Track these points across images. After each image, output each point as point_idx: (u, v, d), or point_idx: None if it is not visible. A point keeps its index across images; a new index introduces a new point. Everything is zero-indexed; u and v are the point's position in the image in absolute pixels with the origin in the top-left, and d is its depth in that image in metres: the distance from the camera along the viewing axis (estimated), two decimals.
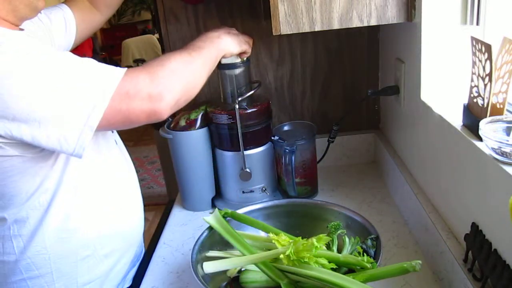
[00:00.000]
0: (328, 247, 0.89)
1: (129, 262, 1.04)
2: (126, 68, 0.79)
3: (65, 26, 1.06)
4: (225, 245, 0.92)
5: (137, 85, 0.77)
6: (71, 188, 0.87)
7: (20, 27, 0.86)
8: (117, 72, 0.77)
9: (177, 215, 1.32)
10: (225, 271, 0.89)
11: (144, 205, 1.09)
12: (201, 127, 1.24)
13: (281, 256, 0.78)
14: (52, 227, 0.86)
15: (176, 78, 0.83)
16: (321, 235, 0.81)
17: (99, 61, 0.79)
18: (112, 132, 1.02)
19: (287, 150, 1.19)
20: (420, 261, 0.74)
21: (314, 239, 0.78)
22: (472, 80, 0.81)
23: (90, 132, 0.75)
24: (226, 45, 0.99)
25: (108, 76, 0.76)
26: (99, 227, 0.93)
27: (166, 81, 0.81)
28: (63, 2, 1.09)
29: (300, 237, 0.86)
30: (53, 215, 0.86)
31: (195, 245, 0.91)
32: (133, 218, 1.02)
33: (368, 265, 0.80)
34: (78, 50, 1.14)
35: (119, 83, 0.76)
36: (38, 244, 0.86)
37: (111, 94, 0.75)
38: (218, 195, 1.33)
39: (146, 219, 1.10)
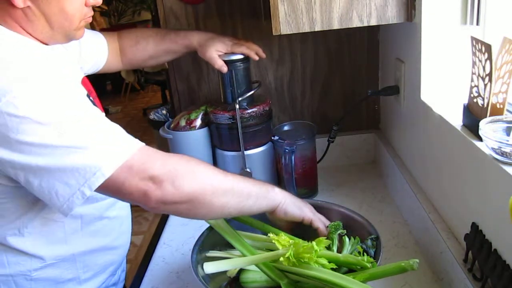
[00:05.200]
0: (328, 247, 0.89)
1: (110, 284, 1.02)
2: (142, 145, 0.76)
3: (99, 53, 1.10)
4: (225, 245, 0.92)
5: (146, 164, 0.73)
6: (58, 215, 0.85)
7: None
8: (136, 142, 0.75)
9: None
10: (225, 271, 0.89)
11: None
12: (201, 127, 1.25)
13: (281, 259, 0.78)
14: (40, 252, 0.85)
15: (189, 183, 0.76)
16: (321, 238, 0.81)
17: None
18: None
19: (287, 150, 1.19)
20: (417, 260, 0.74)
21: (314, 242, 0.78)
22: (472, 80, 0.81)
23: (82, 197, 0.71)
24: (282, 203, 0.88)
25: (121, 148, 0.73)
26: (86, 254, 0.91)
27: (176, 177, 0.74)
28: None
29: (300, 239, 0.87)
30: (42, 241, 0.84)
31: (195, 245, 0.91)
32: (119, 246, 1.00)
33: (368, 265, 0.80)
34: None
35: (132, 154, 0.73)
36: (23, 266, 0.85)
37: (117, 167, 0.71)
38: None
39: (146, 219, 1.10)
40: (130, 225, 1.04)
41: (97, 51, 1.10)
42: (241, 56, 1.15)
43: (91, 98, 0.92)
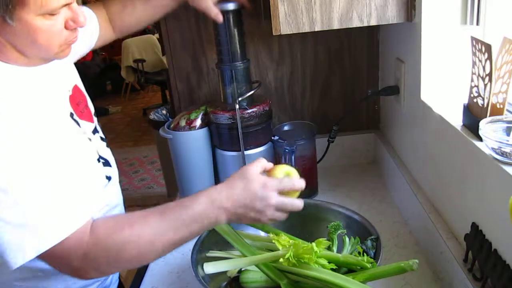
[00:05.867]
0: (328, 247, 0.89)
1: None
2: (84, 222, 0.72)
3: (90, 34, 1.05)
4: (225, 245, 0.92)
5: (70, 255, 0.72)
6: None
7: None
8: (72, 224, 0.71)
9: None
10: (225, 271, 0.89)
11: (143, 206, 1.07)
12: (201, 127, 1.24)
13: (281, 259, 0.78)
14: (26, 264, 0.82)
15: (128, 260, 0.75)
16: (320, 239, 0.80)
17: (99, 60, 0.77)
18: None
19: (287, 150, 1.19)
20: (417, 260, 0.74)
21: (314, 244, 0.78)
22: (472, 80, 0.81)
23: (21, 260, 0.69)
24: (229, 222, 0.80)
25: (63, 223, 0.70)
26: None
27: (107, 265, 0.74)
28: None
29: (300, 240, 0.87)
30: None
31: (195, 245, 0.91)
32: None
33: (368, 265, 0.80)
34: None
35: (63, 240, 0.70)
36: (9, 276, 0.83)
37: (49, 246, 0.69)
38: None
39: None
40: None
41: (90, 32, 1.05)
42: (234, 6, 1.11)
43: (74, 117, 0.86)
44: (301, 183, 0.83)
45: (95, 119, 0.97)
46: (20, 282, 0.85)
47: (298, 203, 0.81)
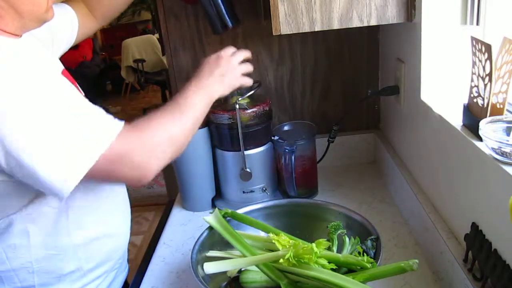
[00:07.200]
0: (328, 247, 0.89)
1: (113, 275, 1.01)
2: (122, 125, 0.78)
3: (71, 27, 1.05)
4: (225, 245, 0.92)
5: (128, 152, 0.77)
6: (62, 206, 0.85)
7: None
8: (112, 130, 0.76)
9: (177, 215, 1.32)
10: (225, 271, 0.89)
11: (143, 206, 1.07)
12: (201, 127, 1.24)
13: (281, 260, 0.78)
14: (40, 243, 0.85)
15: (168, 144, 0.82)
16: (320, 240, 0.80)
17: (99, 61, 0.78)
18: None
19: (287, 150, 1.19)
20: (417, 260, 0.74)
21: (313, 244, 0.78)
22: (472, 80, 0.81)
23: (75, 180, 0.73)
24: (218, 91, 0.96)
25: (102, 133, 0.75)
26: (88, 245, 0.90)
27: (158, 149, 0.80)
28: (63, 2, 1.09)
29: (300, 240, 0.86)
30: (41, 231, 0.84)
31: (195, 245, 0.91)
32: (120, 234, 1.00)
33: (368, 265, 0.80)
34: (79, 50, 1.16)
35: (111, 144, 0.74)
36: (24, 258, 0.85)
37: (101, 154, 0.73)
38: (218, 195, 1.33)
39: (146, 219, 1.10)
40: (129, 211, 1.04)
41: (68, 25, 1.06)
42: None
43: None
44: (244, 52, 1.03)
45: None
46: (32, 264, 0.86)
47: (244, 51, 1.02)
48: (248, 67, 1.02)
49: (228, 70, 0.97)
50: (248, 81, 1.03)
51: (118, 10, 1.15)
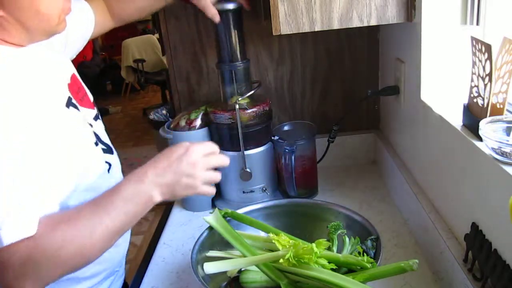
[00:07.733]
0: (328, 247, 0.89)
1: (109, 282, 1.00)
2: (31, 233, 0.67)
3: (86, 25, 1.05)
4: (225, 245, 0.92)
5: (6, 267, 0.67)
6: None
7: None
8: (20, 232, 0.66)
9: (177, 215, 1.32)
10: (225, 271, 0.89)
11: None
12: (201, 127, 1.24)
13: (281, 260, 0.78)
14: None
15: (61, 268, 0.71)
16: (320, 240, 0.80)
17: (99, 61, 0.77)
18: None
19: (287, 150, 1.19)
20: (417, 260, 0.74)
21: (313, 244, 0.78)
22: (472, 80, 0.81)
23: None
24: (163, 195, 0.79)
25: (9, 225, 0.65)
26: None
27: (45, 274, 0.70)
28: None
29: (300, 240, 0.86)
30: None
31: (195, 245, 0.91)
32: (120, 244, 0.98)
33: (368, 265, 0.80)
34: None
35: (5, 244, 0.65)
36: None
37: None
38: (218, 195, 1.33)
39: (146, 219, 1.10)
40: None
41: (83, 22, 1.04)
42: (234, 5, 1.12)
43: (73, 101, 0.86)
44: (223, 157, 0.86)
45: (96, 107, 0.98)
46: None
47: (223, 156, 0.85)
48: (217, 177, 0.84)
49: (191, 178, 0.79)
50: (210, 191, 0.85)
51: (137, 16, 1.16)
